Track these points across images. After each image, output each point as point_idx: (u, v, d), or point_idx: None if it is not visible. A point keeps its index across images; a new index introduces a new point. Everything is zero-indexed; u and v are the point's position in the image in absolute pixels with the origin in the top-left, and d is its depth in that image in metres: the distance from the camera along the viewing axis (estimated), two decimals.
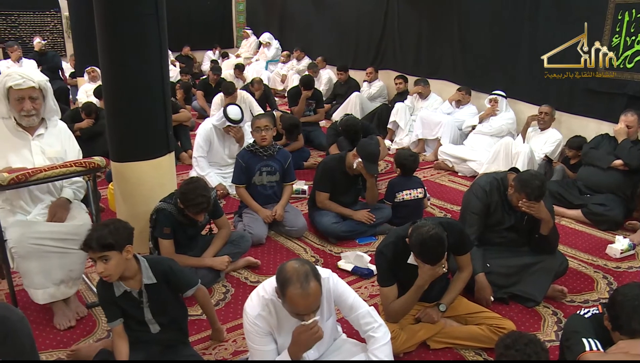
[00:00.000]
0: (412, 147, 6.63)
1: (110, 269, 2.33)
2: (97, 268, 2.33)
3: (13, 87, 2.93)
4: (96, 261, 2.32)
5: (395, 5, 8.33)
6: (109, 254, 2.32)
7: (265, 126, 4.22)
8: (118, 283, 2.43)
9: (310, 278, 2.06)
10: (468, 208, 3.40)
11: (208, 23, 13.36)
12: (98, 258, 2.31)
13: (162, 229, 3.35)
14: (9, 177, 2.75)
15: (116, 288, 2.44)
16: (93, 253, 2.31)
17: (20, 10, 11.80)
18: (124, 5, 3.40)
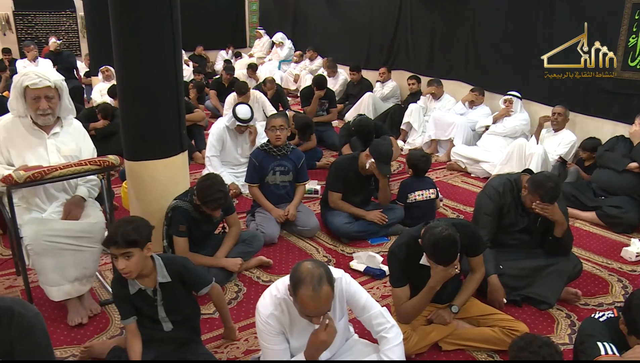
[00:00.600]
0: (424, 148, 6.60)
1: (132, 266, 2.35)
2: (119, 265, 2.35)
3: (29, 86, 2.97)
4: (118, 257, 2.34)
5: (408, 5, 8.30)
6: (132, 251, 2.34)
7: (280, 125, 4.23)
8: (133, 282, 2.45)
9: (324, 282, 2.07)
10: (481, 209, 3.38)
11: (221, 23, 13.40)
12: (121, 254, 2.33)
13: (178, 227, 3.38)
14: (26, 175, 2.78)
15: (131, 287, 2.46)
16: (117, 248, 2.32)
17: (36, 11, 11.93)
18: (139, 5, 3.42)
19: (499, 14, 6.59)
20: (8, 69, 9.36)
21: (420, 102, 7.08)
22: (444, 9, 7.56)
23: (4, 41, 11.62)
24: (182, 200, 3.42)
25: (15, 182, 2.76)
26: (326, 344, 2.21)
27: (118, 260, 2.35)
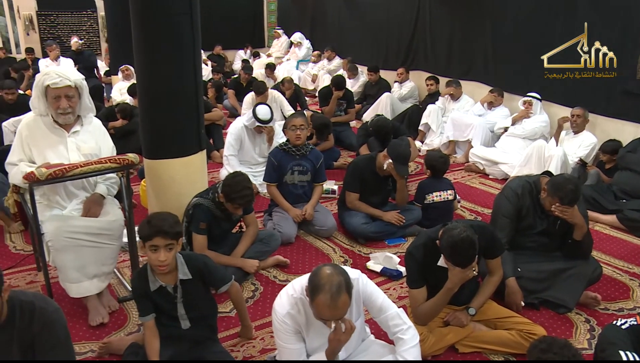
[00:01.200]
0: (442, 149, 6.57)
1: (170, 258, 2.40)
2: (160, 256, 2.37)
3: (50, 85, 3.00)
4: (160, 249, 2.37)
5: (427, 5, 8.27)
6: (174, 242, 2.39)
7: (300, 125, 4.24)
8: (154, 278, 2.48)
9: (342, 290, 2.07)
10: (499, 211, 3.36)
11: (239, 22, 13.46)
12: (165, 246, 2.36)
13: (199, 224, 3.40)
14: (47, 172, 2.82)
15: (151, 283, 2.49)
16: (164, 239, 2.36)
17: (59, 11, 12.10)
18: (159, 5, 3.44)
19: (520, 14, 6.53)
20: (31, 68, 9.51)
21: (439, 103, 7.05)
22: (463, 8, 7.52)
23: (28, 41, 11.81)
24: (204, 198, 3.44)
25: (37, 179, 2.80)
26: (341, 343, 2.21)
27: (160, 251, 2.37)
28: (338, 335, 2.18)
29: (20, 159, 3.07)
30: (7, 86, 6.35)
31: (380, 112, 7.14)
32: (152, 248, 2.39)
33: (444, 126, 6.77)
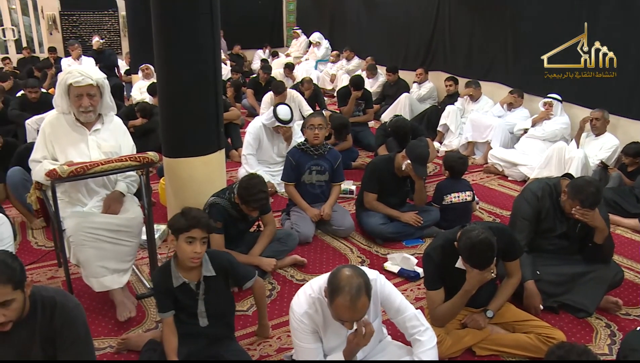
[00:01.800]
0: (461, 150, 6.54)
1: (204, 251, 2.45)
2: (196, 248, 2.42)
3: (73, 84, 3.05)
4: (197, 241, 2.42)
5: (446, 5, 8.22)
6: (207, 236, 2.46)
7: (319, 124, 4.25)
8: (177, 274, 2.50)
9: (362, 292, 2.07)
10: (518, 214, 3.33)
11: (259, 22, 13.52)
12: (201, 239, 2.42)
13: (215, 223, 3.42)
14: (69, 169, 2.87)
15: (174, 279, 2.51)
16: (201, 231, 2.42)
17: (81, 11, 12.26)
18: (180, 5, 3.47)
19: (541, 14, 6.46)
20: (53, 67, 9.65)
21: (458, 103, 7.01)
22: (483, 8, 7.46)
23: (50, 40, 12.00)
24: (220, 197, 3.46)
25: (59, 176, 2.85)
26: (359, 346, 2.21)
27: (197, 243, 2.42)
28: (358, 338, 2.18)
29: (44, 157, 3.12)
30: (30, 85, 6.45)
31: (399, 113, 7.11)
32: (189, 240, 2.43)
33: (463, 127, 6.74)
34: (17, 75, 9.23)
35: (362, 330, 2.18)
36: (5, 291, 1.85)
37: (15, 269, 1.89)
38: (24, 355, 2.06)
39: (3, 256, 1.92)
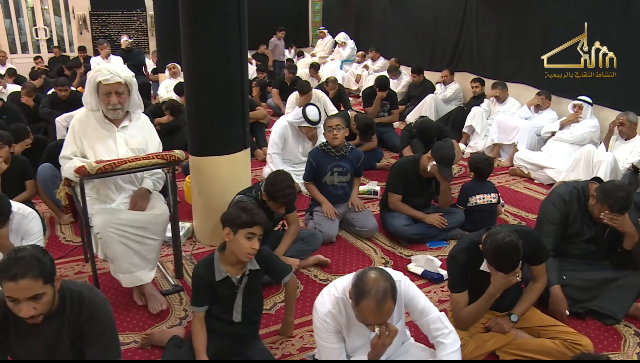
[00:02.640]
0: (486, 151, 6.47)
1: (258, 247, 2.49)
2: (254, 244, 2.46)
3: (102, 82, 3.10)
4: (255, 237, 2.46)
5: (474, 5, 8.14)
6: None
7: (336, 125, 4.25)
8: (220, 269, 2.53)
9: (388, 296, 2.07)
10: (545, 217, 3.28)
11: (284, 22, 13.54)
12: (259, 236, 2.47)
13: None
14: (97, 166, 2.92)
15: (217, 273, 2.53)
16: (261, 229, 2.47)
17: (110, 11, 12.46)
18: (208, 5, 3.51)
19: (571, 14, 6.35)
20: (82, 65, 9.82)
21: (484, 105, 6.93)
22: (512, 8, 7.36)
23: (80, 40, 12.22)
24: (247, 195, 3.48)
25: (87, 173, 2.91)
26: (385, 347, 2.21)
27: (255, 240, 2.46)
28: (383, 339, 2.18)
29: (73, 153, 3.18)
30: (60, 83, 6.58)
31: (424, 114, 7.06)
32: (249, 236, 2.45)
33: (489, 128, 6.66)
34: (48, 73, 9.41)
35: (384, 332, 2.17)
36: (36, 285, 1.88)
37: (45, 263, 1.93)
38: (52, 348, 2.10)
39: (34, 250, 1.95)
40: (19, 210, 3.04)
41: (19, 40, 12.42)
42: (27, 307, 1.89)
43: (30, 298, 1.89)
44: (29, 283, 1.86)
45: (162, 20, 9.15)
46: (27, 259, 1.88)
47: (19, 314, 1.91)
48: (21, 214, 3.03)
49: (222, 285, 2.56)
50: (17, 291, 1.87)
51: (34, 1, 12.19)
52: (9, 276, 1.85)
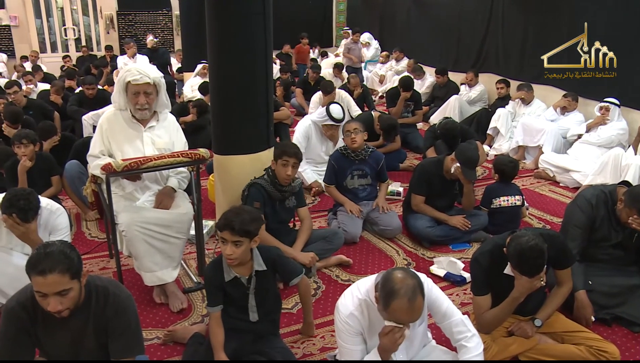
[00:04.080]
0: (511, 153, 6.39)
1: (238, 254, 2.44)
2: (226, 250, 2.43)
3: (131, 82, 3.13)
4: (227, 242, 2.42)
5: (500, 5, 8.05)
6: (243, 240, 2.43)
7: (354, 129, 4.24)
8: (229, 269, 2.54)
9: (417, 293, 2.06)
10: (571, 221, 3.24)
11: (308, 22, 13.57)
12: (232, 241, 2.41)
13: (253, 203, 3.48)
14: (123, 164, 2.96)
15: (226, 274, 2.55)
16: (231, 234, 2.40)
17: (137, 11, 12.62)
18: (234, 5, 3.53)
19: (602, 14, 6.24)
20: (109, 64, 9.96)
21: (509, 107, 6.86)
22: (539, 9, 7.25)
23: (107, 39, 12.41)
24: (259, 178, 3.57)
25: (113, 170, 2.94)
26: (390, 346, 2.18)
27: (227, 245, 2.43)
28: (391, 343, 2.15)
29: (101, 151, 3.23)
30: (88, 82, 6.69)
31: (448, 115, 7.01)
32: (222, 240, 2.46)
33: (514, 130, 6.59)
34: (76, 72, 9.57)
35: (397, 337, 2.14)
36: (64, 281, 1.92)
37: (73, 259, 1.96)
38: (78, 341, 2.14)
39: (62, 246, 1.99)
40: (47, 206, 3.10)
41: (49, 40, 12.66)
42: (54, 302, 1.93)
43: (57, 293, 1.93)
44: (56, 279, 1.90)
45: (188, 19, 9.23)
46: (55, 254, 1.92)
47: (46, 308, 1.95)
48: (49, 209, 3.09)
49: (232, 285, 2.57)
50: (45, 286, 1.91)
51: (64, 1, 12.41)
52: (38, 270, 1.89)
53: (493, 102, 7.53)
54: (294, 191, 3.66)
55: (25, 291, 2.08)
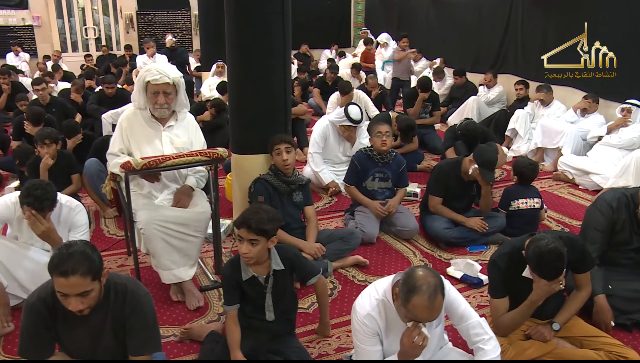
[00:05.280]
0: (530, 155, 6.33)
1: (254, 252, 2.43)
2: (242, 248, 2.43)
3: (151, 81, 3.16)
4: (244, 240, 2.42)
5: (520, 6, 7.98)
6: (259, 239, 2.42)
7: (386, 132, 4.21)
8: (246, 268, 2.54)
9: (439, 292, 2.05)
10: (591, 224, 3.19)
11: (326, 22, 13.58)
12: (248, 240, 2.41)
13: (257, 198, 3.51)
14: (142, 162, 2.98)
15: (244, 273, 2.55)
16: (248, 232, 2.40)
17: (156, 10, 12.74)
18: (253, 5, 3.54)
19: (622, 14, 6.16)
20: (128, 64, 10.06)
21: (528, 108, 6.80)
22: (559, 9, 7.18)
23: (127, 39, 12.55)
24: (265, 174, 3.63)
25: (132, 168, 2.96)
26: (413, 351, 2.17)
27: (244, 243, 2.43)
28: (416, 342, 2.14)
29: (120, 150, 3.26)
30: (107, 81, 6.77)
31: (467, 116, 6.97)
32: (238, 238, 2.46)
33: (532, 132, 6.54)
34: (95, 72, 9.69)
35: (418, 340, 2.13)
36: (85, 282, 1.94)
37: (94, 261, 1.98)
38: (96, 337, 2.16)
39: (84, 247, 2.00)
40: (67, 203, 3.13)
41: (70, 39, 12.82)
42: (75, 302, 1.96)
43: (79, 294, 1.95)
44: (78, 280, 1.92)
45: (206, 19, 9.29)
46: (77, 256, 1.93)
47: (67, 307, 1.98)
48: (69, 206, 3.12)
49: (249, 284, 2.57)
50: (67, 287, 1.93)
51: (85, 2, 12.57)
52: (60, 271, 1.91)
53: (512, 104, 7.47)
54: (301, 182, 3.68)
55: (46, 287, 2.10)
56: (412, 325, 2.13)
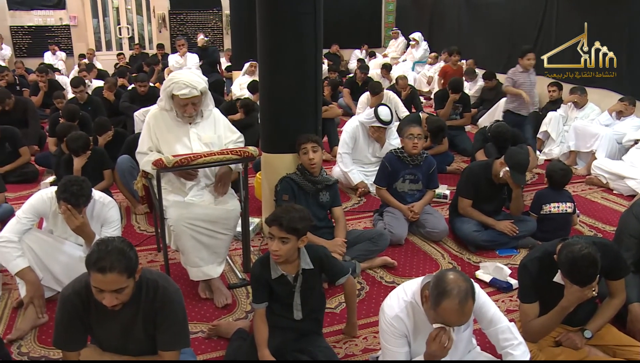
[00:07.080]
0: (562, 158, 6.22)
1: (284, 251, 2.44)
2: (272, 246, 2.44)
3: (179, 96, 3.12)
4: (274, 238, 2.43)
5: (554, 7, 7.84)
6: (290, 237, 2.43)
7: (418, 134, 4.18)
8: (275, 267, 2.55)
9: (469, 296, 2.04)
10: (626, 230, 3.12)
11: (357, 22, 13.55)
12: (279, 238, 2.42)
13: (282, 196, 3.52)
14: (174, 160, 3.02)
15: (273, 271, 2.56)
16: (279, 230, 2.41)
17: (188, 10, 12.90)
18: (285, 5, 3.56)
19: None
20: (160, 62, 10.20)
21: (561, 110, 6.68)
22: (595, 9, 7.03)
23: (159, 38, 12.74)
24: (291, 173, 3.65)
25: (165, 166, 3.00)
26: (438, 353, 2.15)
27: (274, 241, 2.44)
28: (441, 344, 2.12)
29: (149, 148, 3.29)
30: (140, 79, 6.89)
31: (497, 118, 6.88)
32: (269, 236, 2.47)
33: (565, 135, 6.42)
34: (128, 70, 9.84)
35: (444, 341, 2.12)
36: (121, 280, 1.98)
37: (131, 259, 2.02)
38: (127, 331, 2.20)
39: (122, 244, 2.03)
40: (100, 198, 3.19)
41: (104, 38, 13.06)
42: (110, 298, 1.99)
43: (114, 290, 1.98)
44: (115, 277, 1.96)
45: (237, 19, 9.36)
46: (115, 253, 1.97)
47: (102, 302, 2.01)
48: (102, 202, 3.18)
49: (278, 283, 2.58)
50: (104, 284, 1.96)
51: (119, 1, 12.80)
52: (98, 268, 1.95)
53: (544, 106, 7.34)
54: (328, 182, 3.68)
55: (81, 280, 2.15)
56: (439, 327, 2.12)
